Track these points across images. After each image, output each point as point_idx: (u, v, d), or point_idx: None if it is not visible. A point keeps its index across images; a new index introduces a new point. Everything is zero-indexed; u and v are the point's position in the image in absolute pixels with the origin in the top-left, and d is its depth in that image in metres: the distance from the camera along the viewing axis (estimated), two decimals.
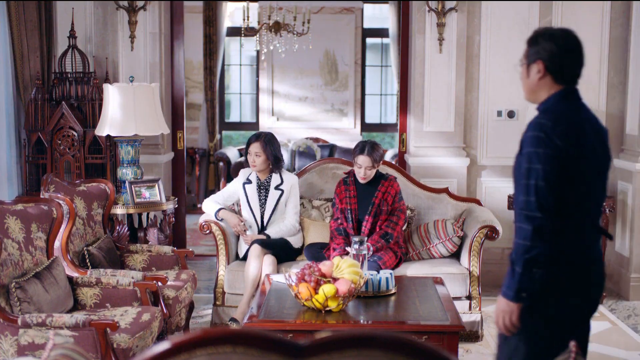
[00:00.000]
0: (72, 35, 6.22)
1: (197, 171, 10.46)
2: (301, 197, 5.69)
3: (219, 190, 5.73)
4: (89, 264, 4.79)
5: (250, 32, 9.20)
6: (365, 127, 11.50)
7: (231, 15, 11.12)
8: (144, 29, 6.47)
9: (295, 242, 5.44)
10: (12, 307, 3.90)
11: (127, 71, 6.40)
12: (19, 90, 6.15)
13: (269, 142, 5.38)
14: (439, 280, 4.83)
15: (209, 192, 10.00)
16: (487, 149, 6.54)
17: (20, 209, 4.18)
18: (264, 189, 5.46)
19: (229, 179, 9.30)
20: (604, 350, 5.06)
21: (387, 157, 9.98)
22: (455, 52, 6.39)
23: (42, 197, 4.75)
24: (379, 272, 4.46)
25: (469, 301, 5.17)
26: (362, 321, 4.05)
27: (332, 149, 10.95)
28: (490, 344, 5.11)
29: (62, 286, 4.22)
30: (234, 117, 11.80)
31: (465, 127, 6.51)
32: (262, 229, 5.43)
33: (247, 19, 8.85)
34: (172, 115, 6.90)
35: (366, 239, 4.67)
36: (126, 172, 5.72)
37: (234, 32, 10.86)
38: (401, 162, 6.84)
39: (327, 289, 3.96)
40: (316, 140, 11.04)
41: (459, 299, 5.10)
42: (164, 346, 1.52)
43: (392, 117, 11.56)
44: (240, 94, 11.81)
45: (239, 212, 5.56)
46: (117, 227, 5.54)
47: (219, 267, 5.32)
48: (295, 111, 11.38)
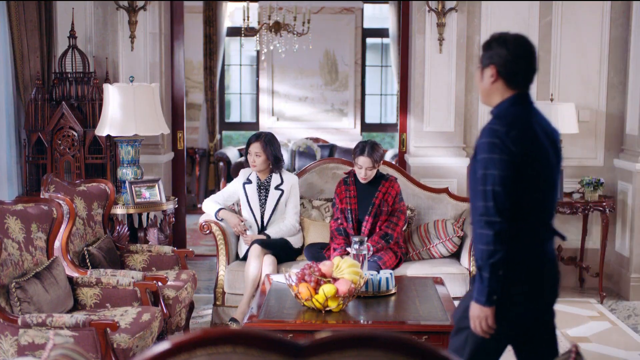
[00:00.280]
0: (72, 35, 6.22)
1: (197, 171, 10.46)
2: (301, 197, 5.69)
3: (219, 190, 5.72)
4: (89, 264, 4.79)
5: (250, 32, 9.20)
6: (365, 127, 11.50)
7: (231, 15, 11.12)
8: (144, 29, 6.48)
9: (295, 242, 5.44)
10: (12, 307, 3.91)
11: (127, 71, 6.40)
12: (19, 90, 6.15)
13: (269, 142, 5.38)
14: (439, 280, 4.83)
15: (209, 192, 10.00)
16: None
17: (20, 209, 4.18)
18: (264, 189, 5.46)
19: (229, 179, 9.30)
20: (604, 350, 5.06)
21: (387, 157, 9.98)
22: (455, 52, 6.39)
23: (42, 197, 4.75)
24: (379, 272, 4.46)
25: None
26: (362, 321, 4.05)
27: (332, 149, 10.95)
28: None
29: (62, 286, 4.22)
30: (234, 117, 11.80)
31: (465, 127, 6.51)
32: (262, 229, 5.43)
33: (247, 19, 8.85)
34: (172, 115, 6.90)
35: (366, 239, 4.67)
36: (126, 172, 5.72)
37: (234, 32, 10.86)
38: (401, 162, 6.83)
39: (327, 289, 3.96)
40: (316, 140, 11.04)
41: (459, 299, 5.09)
42: (164, 346, 1.52)
43: (392, 117, 11.56)
44: (240, 94, 11.81)
45: (239, 212, 5.56)
46: (117, 227, 5.54)
47: (219, 267, 5.32)
48: (295, 111, 11.38)
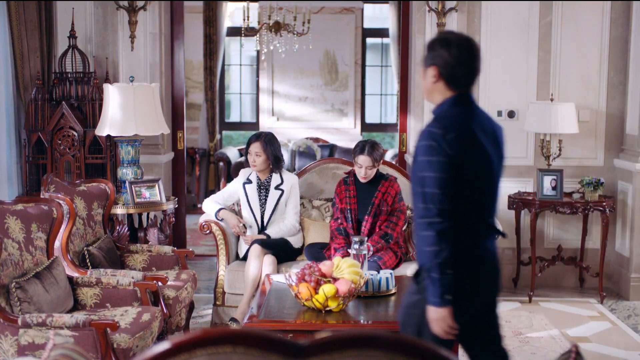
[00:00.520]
0: (72, 35, 6.22)
1: (197, 171, 10.46)
2: (301, 197, 5.69)
3: (219, 190, 5.72)
4: (89, 264, 4.79)
5: (250, 32, 9.20)
6: (365, 127, 11.49)
7: (231, 15, 11.12)
8: (144, 29, 6.48)
9: (295, 242, 5.44)
10: (12, 307, 3.91)
11: (127, 71, 6.41)
12: (19, 90, 6.16)
13: (269, 142, 5.38)
14: None
15: (209, 192, 10.00)
16: None
17: (20, 209, 4.18)
18: (264, 188, 5.46)
19: (229, 179, 9.29)
20: (604, 350, 5.06)
21: (387, 157, 9.98)
22: None
23: (42, 197, 4.75)
24: (379, 272, 4.46)
25: None
26: (362, 321, 4.05)
27: (332, 149, 10.94)
28: None
29: (62, 286, 4.22)
30: (234, 117, 11.80)
31: None
32: (262, 229, 5.43)
33: (247, 19, 8.84)
34: (172, 115, 6.90)
35: (366, 239, 4.67)
36: (126, 172, 5.72)
37: (234, 32, 10.86)
38: (401, 162, 6.83)
39: (327, 289, 3.96)
40: (316, 140, 11.04)
41: None
42: (164, 346, 1.52)
43: (392, 117, 11.56)
44: (240, 94, 11.81)
45: (239, 212, 5.56)
46: (117, 227, 5.54)
47: (219, 267, 5.32)
48: (295, 111, 11.38)
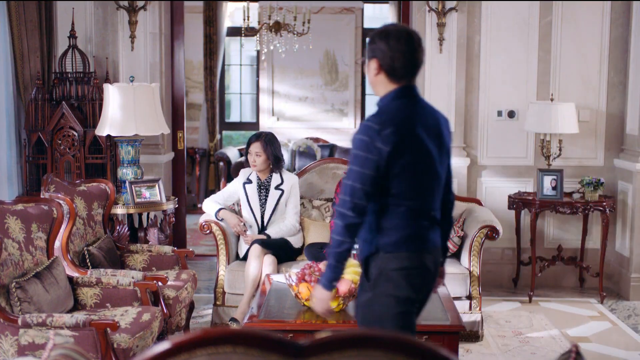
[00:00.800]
0: (72, 35, 6.22)
1: (197, 171, 10.46)
2: (301, 197, 5.69)
3: (219, 190, 5.71)
4: (89, 264, 4.79)
5: (250, 32, 9.20)
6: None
7: (231, 15, 11.12)
8: (144, 29, 6.47)
9: (295, 242, 5.44)
10: (12, 307, 3.91)
11: (127, 71, 6.40)
12: (19, 90, 6.15)
13: (270, 142, 5.38)
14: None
15: (209, 192, 10.00)
16: (487, 149, 6.54)
17: (20, 209, 4.18)
18: (264, 188, 5.46)
19: (229, 179, 9.29)
20: (604, 350, 5.06)
21: None
22: (455, 52, 6.39)
23: (42, 197, 4.75)
24: None
25: (469, 301, 5.17)
26: None
27: (332, 149, 10.94)
28: (490, 344, 5.11)
29: (62, 286, 4.22)
30: (234, 117, 11.80)
31: (465, 127, 6.51)
32: (262, 229, 5.43)
33: (248, 19, 8.84)
34: (173, 115, 6.90)
35: None
36: (126, 172, 5.72)
37: (234, 32, 10.85)
38: None
39: None
40: (316, 140, 11.03)
41: (459, 299, 5.10)
42: (164, 346, 1.52)
43: None
44: (240, 94, 11.81)
45: (239, 212, 5.56)
46: (118, 227, 5.54)
47: (219, 267, 5.32)
48: (295, 111, 11.38)
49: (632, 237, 6.17)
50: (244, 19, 8.90)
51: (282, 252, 5.29)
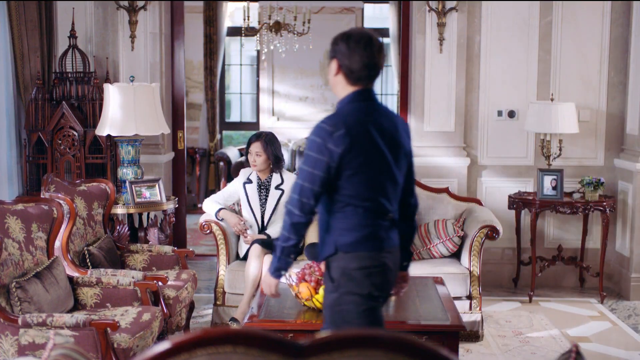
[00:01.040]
0: (72, 35, 6.22)
1: (197, 171, 10.46)
2: None
3: (219, 190, 5.71)
4: (89, 264, 4.79)
5: (250, 32, 9.20)
6: None
7: (231, 15, 11.11)
8: (145, 29, 6.48)
9: None
10: (12, 307, 3.91)
11: (127, 71, 6.40)
12: (20, 90, 6.16)
13: (270, 141, 5.38)
14: (439, 280, 4.83)
15: (209, 192, 10.00)
16: (487, 149, 6.54)
17: (20, 208, 4.18)
18: (264, 188, 5.46)
19: (229, 179, 9.29)
20: (605, 350, 5.06)
21: None
22: (455, 52, 6.39)
23: (42, 197, 4.75)
24: None
25: (469, 301, 5.17)
26: None
27: None
28: (490, 344, 5.11)
29: (62, 286, 4.22)
30: (234, 117, 11.80)
31: (465, 127, 6.51)
32: (262, 229, 5.43)
33: (248, 19, 8.84)
34: (173, 115, 6.90)
35: None
36: (126, 172, 5.72)
37: (235, 32, 10.86)
38: None
39: None
40: None
41: (459, 298, 5.11)
42: (164, 346, 1.52)
43: None
44: (240, 93, 11.81)
45: (239, 212, 5.56)
46: (118, 227, 5.54)
47: (220, 267, 5.32)
48: (295, 111, 11.38)
49: (632, 237, 6.17)
50: (244, 19, 8.90)
51: None
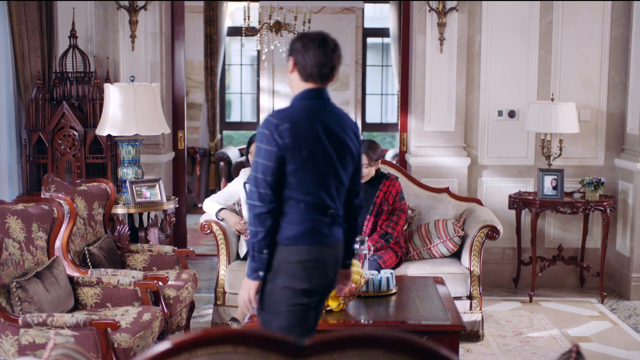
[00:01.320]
0: (72, 35, 6.23)
1: (197, 171, 10.46)
2: None
3: (220, 190, 5.72)
4: (89, 264, 4.79)
5: (250, 31, 9.20)
6: (366, 126, 11.49)
7: (232, 15, 11.11)
8: (145, 29, 6.48)
9: None
10: (12, 307, 3.91)
11: (127, 71, 6.41)
12: (20, 90, 6.16)
13: None
14: (439, 280, 4.83)
15: (209, 192, 10.00)
16: (487, 149, 6.54)
17: (21, 208, 4.19)
18: None
19: (230, 179, 9.29)
20: (605, 350, 5.06)
21: (388, 156, 9.98)
22: (456, 52, 6.39)
23: (42, 196, 4.75)
24: (379, 272, 4.46)
25: (469, 301, 5.17)
26: (362, 321, 4.06)
27: None
28: (490, 344, 5.11)
29: (62, 286, 4.22)
30: (234, 116, 11.80)
31: (466, 127, 6.51)
32: None
33: (248, 19, 8.84)
34: (173, 115, 6.90)
35: (367, 238, 4.67)
36: (127, 172, 5.72)
37: (235, 31, 10.86)
38: (402, 162, 6.84)
39: None
40: None
41: (459, 298, 5.11)
42: (164, 346, 1.52)
43: (392, 117, 11.56)
44: (241, 93, 11.81)
45: (239, 212, 5.56)
46: (118, 227, 5.54)
47: (220, 266, 5.32)
48: None
49: (633, 236, 6.17)
50: (245, 19, 8.90)
51: None
